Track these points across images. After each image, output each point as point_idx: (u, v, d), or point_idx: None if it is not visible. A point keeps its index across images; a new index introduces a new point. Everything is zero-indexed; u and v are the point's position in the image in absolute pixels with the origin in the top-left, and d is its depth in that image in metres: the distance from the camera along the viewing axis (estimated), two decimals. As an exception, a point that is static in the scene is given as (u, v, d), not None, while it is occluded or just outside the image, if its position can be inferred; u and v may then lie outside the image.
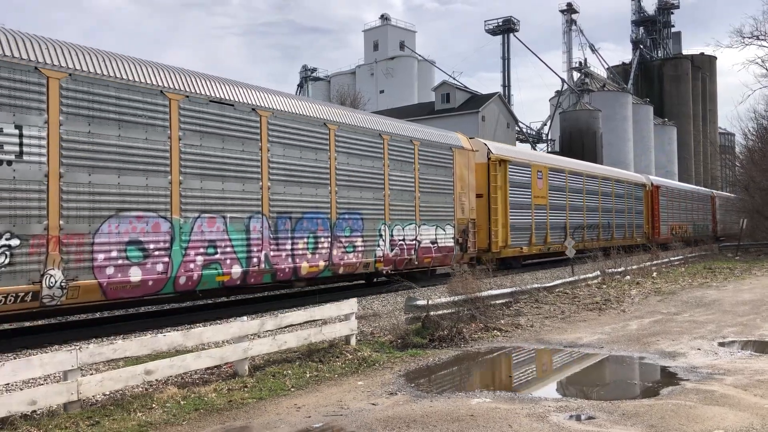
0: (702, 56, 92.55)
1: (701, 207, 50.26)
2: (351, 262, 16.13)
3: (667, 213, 40.97)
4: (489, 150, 22.95)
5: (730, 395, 7.19)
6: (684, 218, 44.71)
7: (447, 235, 19.91)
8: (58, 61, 10.35)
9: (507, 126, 57.04)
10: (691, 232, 44.42)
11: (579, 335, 11.33)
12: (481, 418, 6.50)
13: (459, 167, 20.70)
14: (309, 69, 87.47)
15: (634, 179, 38.01)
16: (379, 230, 17.10)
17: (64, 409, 6.65)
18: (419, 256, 18.62)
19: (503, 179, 23.25)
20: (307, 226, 14.84)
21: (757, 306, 14.59)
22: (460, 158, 20.82)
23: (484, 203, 22.39)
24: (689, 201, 46.67)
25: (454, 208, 20.39)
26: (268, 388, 7.81)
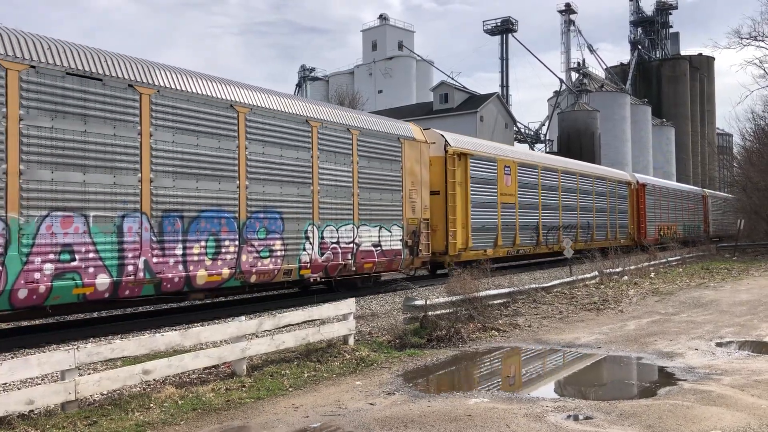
0: (700, 57, 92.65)
1: (692, 207, 48.29)
2: (266, 269, 13.85)
3: (655, 213, 39.07)
4: (446, 142, 20.68)
5: (728, 395, 7.20)
6: (673, 218, 42.79)
7: (393, 237, 17.73)
8: None
9: (505, 126, 57.06)
10: (681, 233, 42.75)
11: (577, 335, 11.34)
12: (479, 418, 6.51)
13: (409, 161, 18.52)
14: (307, 69, 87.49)
15: (618, 176, 35.95)
16: (306, 232, 14.86)
17: (62, 409, 6.65)
18: (358, 261, 16.40)
19: (463, 175, 21.16)
20: (206, 227, 12.61)
21: (755, 306, 14.62)
22: (411, 151, 18.65)
23: (440, 201, 20.25)
24: (679, 200, 44.77)
25: (403, 207, 18.20)
26: (266, 387, 7.81)
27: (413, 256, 18.47)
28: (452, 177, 20.56)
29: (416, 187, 18.78)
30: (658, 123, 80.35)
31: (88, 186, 10.73)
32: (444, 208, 20.28)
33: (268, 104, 14.30)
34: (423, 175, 19.21)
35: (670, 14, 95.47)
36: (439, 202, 20.18)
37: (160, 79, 12.01)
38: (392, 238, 17.76)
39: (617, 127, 66.37)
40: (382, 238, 17.37)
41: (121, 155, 11.24)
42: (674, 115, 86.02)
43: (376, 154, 17.42)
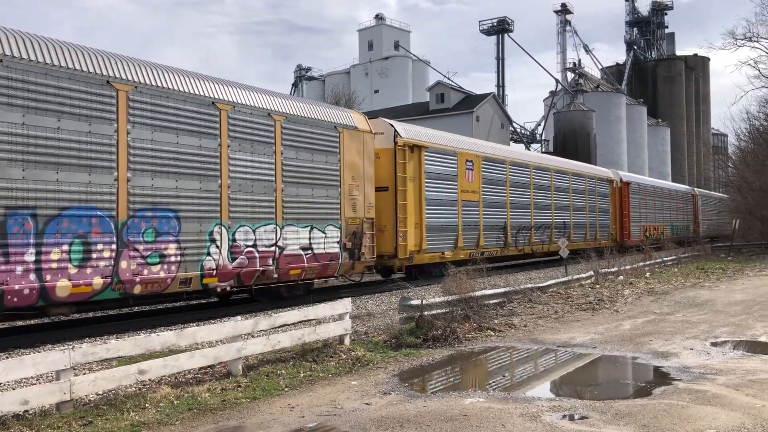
0: (695, 57, 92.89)
1: (681, 206, 46.29)
2: (156, 278, 11.70)
3: (639, 212, 37.11)
4: (396, 132, 18.62)
5: (722, 395, 7.23)
6: (660, 218, 40.74)
7: (329, 238, 15.67)
8: None
9: (501, 126, 57.12)
10: (669, 233, 40.96)
11: (572, 335, 11.37)
12: (475, 418, 6.51)
13: (349, 152, 16.40)
14: (303, 68, 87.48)
15: (599, 174, 33.90)
16: (211, 233, 12.81)
17: (57, 409, 6.63)
18: (282, 266, 14.32)
19: (417, 169, 19.19)
20: (71, 228, 10.53)
21: (749, 306, 14.67)
22: (352, 141, 16.51)
23: (389, 198, 18.25)
24: (667, 199, 42.73)
25: (341, 205, 16.10)
26: (262, 387, 7.81)
27: (354, 260, 16.37)
28: (403, 171, 18.56)
29: (358, 183, 16.70)
30: (654, 123, 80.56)
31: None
32: (393, 207, 18.30)
33: (160, 82, 12.11)
34: (367, 168, 17.07)
35: (666, 15, 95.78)
36: (388, 199, 18.28)
37: None
38: (327, 240, 15.65)
39: (613, 128, 66.53)
40: (314, 240, 15.25)
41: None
42: (669, 116, 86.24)
43: (306, 144, 15.23)
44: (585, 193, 31.16)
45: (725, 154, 68.57)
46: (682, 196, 47.06)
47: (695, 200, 49.78)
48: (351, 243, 16.26)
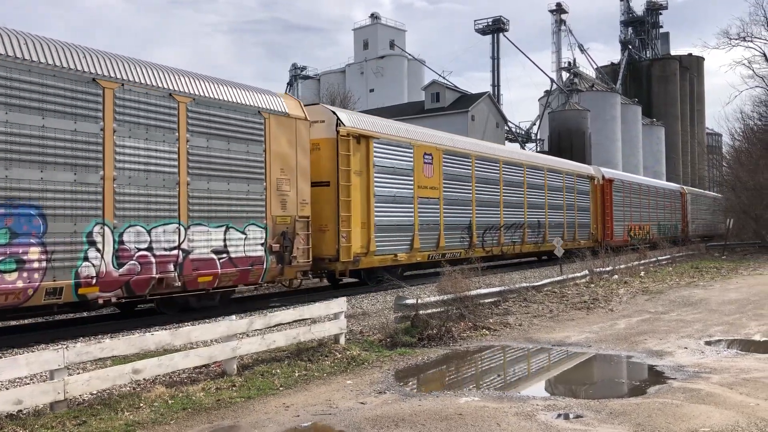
0: (690, 57, 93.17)
1: (669, 205, 44.32)
2: (9, 289, 9.67)
3: (623, 211, 35.31)
4: (339, 121, 16.50)
5: (716, 394, 7.25)
6: (646, 217, 38.99)
7: (251, 240, 13.65)
8: None
9: (496, 126, 57.19)
10: (656, 233, 39.29)
11: (567, 334, 11.38)
12: (470, 417, 6.52)
13: (278, 142, 14.36)
14: (299, 67, 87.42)
15: (578, 170, 31.77)
16: (90, 234, 10.79)
17: (51, 409, 6.61)
18: (187, 273, 12.27)
19: (364, 162, 17.21)
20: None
21: (743, 305, 14.72)
22: (282, 129, 14.51)
23: (330, 195, 16.28)
24: (653, 197, 40.87)
25: (267, 201, 14.09)
26: (257, 387, 7.80)
27: (283, 264, 14.33)
28: (346, 164, 16.48)
29: (289, 176, 14.64)
30: (649, 123, 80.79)
31: None
32: (335, 204, 16.33)
33: (14, 50, 10.06)
34: (301, 161, 15.00)
35: (660, 14, 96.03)
36: (329, 195, 16.35)
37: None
38: (248, 242, 13.63)
39: (608, 127, 66.68)
40: (230, 242, 13.23)
41: None
42: (664, 115, 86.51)
43: (221, 131, 13.18)
44: (562, 190, 29.15)
45: (719, 154, 68.83)
46: (670, 194, 45.38)
47: (684, 198, 48.11)
48: (279, 245, 14.24)
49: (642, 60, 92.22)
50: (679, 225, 46.16)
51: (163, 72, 12.44)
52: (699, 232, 50.09)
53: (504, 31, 70.76)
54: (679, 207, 46.75)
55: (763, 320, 12.55)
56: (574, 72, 72.38)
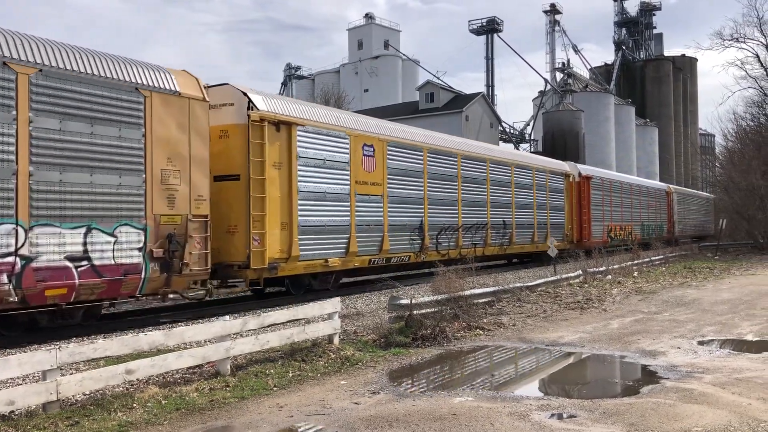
0: (683, 58, 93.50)
1: (653, 204, 42.30)
2: None
3: (602, 210, 33.27)
4: (251, 104, 14.20)
5: (709, 393, 7.28)
6: (628, 217, 37.18)
7: (123, 244, 11.26)
8: None
9: (491, 126, 57.27)
10: (639, 234, 37.91)
11: (561, 334, 11.41)
12: (463, 417, 6.52)
13: (164, 125, 11.90)
14: (293, 67, 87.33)
15: (550, 166, 29.47)
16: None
17: (43, 410, 6.58)
18: (29, 285, 9.95)
19: (285, 153, 14.78)
20: None
21: (736, 305, 14.78)
22: (170, 111, 12.03)
23: (241, 191, 13.92)
24: (636, 196, 39.05)
25: (147, 197, 11.69)
26: (251, 387, 7.79)
27: (170, 273, 11.91)
28: (260, 155, 14.16)
29: (180, 168, 12.21)
30: (642, 123, 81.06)
31: None
32: (246, 201, 13.99)
33: None
34: (197, 149, 12.55)
35: (654, 15, 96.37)
36: (239, 191, 14.03)
37: None
38: (120, 247, 11.23)
39: (601, 128, 66.86)
40: (93, 247, 10.81)
41: None
42: (658, 116, 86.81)
43: (81, 110, 10.77)
44: (532, 188, 26.99)
45: (712, 155, 69.11)
46: (655, 193, 43.39)
47: (670, 198, 45.97)
48: (164, 250, 11.79)
49: (636, 61, 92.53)
50: (665, 226, 44.27)
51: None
52: (687, 233, 48.57)
53: (498, 32, 70.88)
54: (664, 207, 44.89)
55: (756, 320, 12.60)
56: (568, 72, 72.55)
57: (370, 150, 17.75)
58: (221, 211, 13.77)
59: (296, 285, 16.10)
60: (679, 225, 47.33)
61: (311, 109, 16.46)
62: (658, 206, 43.48)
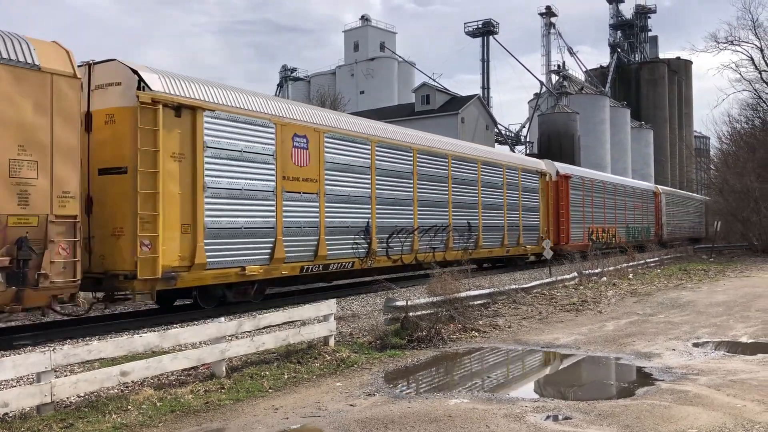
0: (678, 60, 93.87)
1: (639, 205, 40.30)
2: None
3: (583, 211, 31.38)
4: (142, 83, 11.99)
5: (704, 395, 7.29)
6: (611, 219, 35.37)
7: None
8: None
9: (486, 128, 57.34)
10: (623, 236, 36.05)
11: (556, 336, 11.42)
12: (459, 419, 6.52)
13: (14, 106, 9.78)
14: (289, 69, 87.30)
15: (523, 164, 27.37)
16: None
17: (37, 412, 6.55)
18: None
19: (188, 142, 12.69)
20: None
21: (730, 307, 14.82)
22: (23, 88, 9.93)
23: (126, 186, 11.80)
24: (621, 197, 37.22)
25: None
26: (246, 389, 7.77)
27: (21, 285, 9.81)
28: (152, 144, 11.92)
29: (36, 157, 10.04)
30: (637, 126, 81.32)
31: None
32: (133, 198, 11.72)
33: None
34: (62, 135, 10.35)
35: (649, 18, 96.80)
36: (127, 187, 11.82)
37: None
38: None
39: (597, 130, 67.02)
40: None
41: None
42: (653, 118, 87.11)
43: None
44: (502, 187, 24.71)
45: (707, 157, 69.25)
46: (641, 194, 41.24)
47: (658, 199, 43.88)
48: (11, 258, 9.71)
49: (631, 63, 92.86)
50: (652, 228, 42.12)
51: None
52: (677, 236, 46.46)
53: (494, 34, 71.02)
54: (652, 208, 42.71)
55: (750, 322, 12.64)
56: (563, 75, 72.76)
57: (303, 141, 15.44)
58: (106, 210, 11.93)
59: (206, 297, 13.91)
60: (668, 227, 45.57)
61: (225, 92, 13.91)
62: (645, 208, 41.58)
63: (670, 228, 45.85)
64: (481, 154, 24.35)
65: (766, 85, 39.60)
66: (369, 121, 19.64)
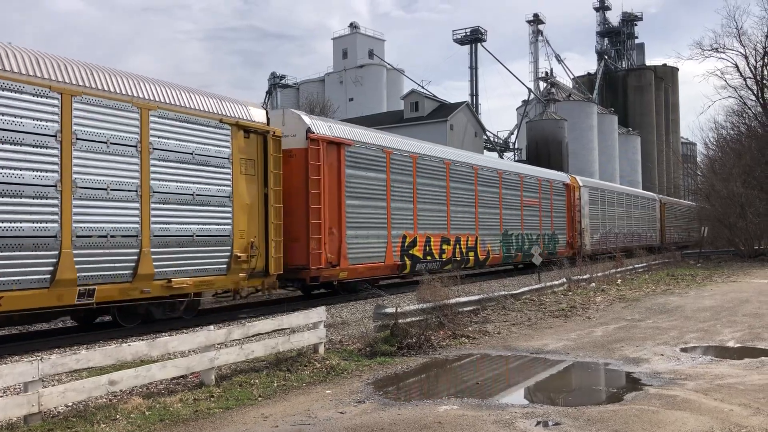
0: (665, 67, 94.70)
1: (533, 202, 27.27)
2: None
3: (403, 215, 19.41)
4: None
5: (692, 400, 7.34)
6: (492, 222, 24.21)
7: None
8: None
9: (475, 135, 57.56)
10: (497, 252, 24.24)
11: (545, 342, 11.46)
12: (449, 426, 6.53)
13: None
14: (278, 76, 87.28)
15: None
16: None
17: (25, 422, 6.50)
18: None
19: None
20: None
21: (718, 312, 14.92)
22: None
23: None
24: (487, 187, 24.04)
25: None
26: (235, 397, 7.74)
27: None
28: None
29: None
30: (625, 132, 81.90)
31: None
32: None
33: None
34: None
35: (636, 25, 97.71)
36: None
37: None
38: None
39: (584, 136, 67.47)
40: None
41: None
42: (640, 125, 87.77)
43: None
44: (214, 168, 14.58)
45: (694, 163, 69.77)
46: (533, 185, 27.45)
47: (572, 194, 30.96)
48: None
49: (618, 70, 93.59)
50: (564, 237, 29.67)
51: None
52: (610, 246, 32.42)
53: (482, 41, 71.39)
54: (562, 206, 29.75)
55: (737, 327, 12.74)
56: (551, 82, 73.18)
57: None
58: None
59: None
60: (596, 235, 33.31)
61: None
62: (553, 207, 29.05)
63: (598, 236, 33.75)
64: None
65: (751, 91, 40.01)
66: None
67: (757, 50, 38.00)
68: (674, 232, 51.64)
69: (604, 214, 35.49)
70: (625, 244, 35.97)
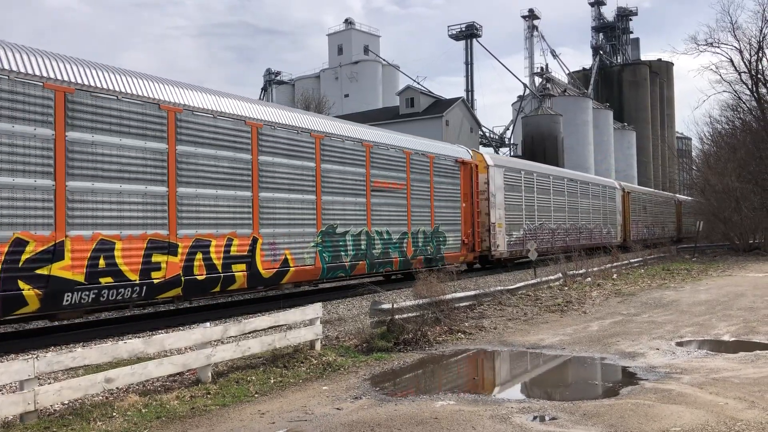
0: (659, 62, 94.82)
1: (392, 184, 18.79)
2: None
3: None
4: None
5: (687, 394, 7.37)
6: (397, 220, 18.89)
7: None
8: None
9: (470, 130, 57.55)
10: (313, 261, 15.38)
11: (541, 337, 11.48)
12: (445, 421, 6.54)
13: None
14: (273, 72, 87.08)
15: None
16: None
17: (20, 420, 6.49)
18: None
19: None
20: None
21: (713, 306, 14.97)
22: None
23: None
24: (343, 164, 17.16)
25: None
26: (232, 394, 7.74)
27: None
28: None
29: None
30: (620, 127, 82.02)
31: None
32: None
33: None
34: None
35: (630, 20, 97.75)
36: None
37: None
38: None
39: (580, 132, 67.50)
40: None
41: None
42: (635, 120, 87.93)
43: None
44: None
45: (689, 157, 69.92)
46: (424, 163, 20.32)
47: (472, 175, 22.85)
48: None
49: (613, 65, 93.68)
50: (457, 236, 21.80)
51: None
52: (540, 248, 25.47)
53: (477, 37, 71.30)
54: (454, 193, 21.84)
55: (732, 320, 12.78)
56: (546, 77, 73.15)
57: None
58: None
59: None
60: (515, 232, 26.10)
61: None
62: (424, 191, 20.38)
63: (520, 233, 26.57)
64: None
65: (745, 86, 39.99)
66: None
67: (751, 45, 37.94)
68: (642, 227, 44.63)
69: (531, 204, 27.77)
70: (566, 244, 29.73)
